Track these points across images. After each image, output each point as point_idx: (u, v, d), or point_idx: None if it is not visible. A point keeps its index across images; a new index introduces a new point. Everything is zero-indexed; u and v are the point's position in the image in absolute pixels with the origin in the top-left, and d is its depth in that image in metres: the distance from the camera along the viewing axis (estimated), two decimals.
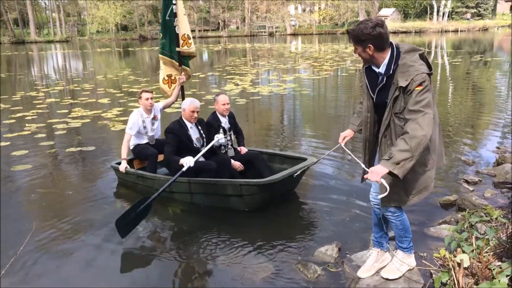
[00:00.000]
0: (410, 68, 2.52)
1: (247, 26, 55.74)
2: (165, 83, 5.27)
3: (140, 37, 54.97)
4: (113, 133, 8.02)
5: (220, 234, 3.96)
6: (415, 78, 2.46)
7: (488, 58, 20.01)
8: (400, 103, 2.56)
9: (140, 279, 3.31)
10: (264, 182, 4.16)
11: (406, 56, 2.59)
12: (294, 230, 4.01)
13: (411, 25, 47.34)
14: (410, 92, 2.48)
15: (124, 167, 5.01)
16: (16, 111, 10.28)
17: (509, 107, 9.20)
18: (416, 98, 2.46)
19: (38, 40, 54.81)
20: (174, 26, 4.97)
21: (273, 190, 4.36)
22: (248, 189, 4.25)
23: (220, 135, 4.63)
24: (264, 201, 4.40)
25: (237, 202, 4.39)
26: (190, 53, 5.26)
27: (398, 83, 2.53)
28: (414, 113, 2.46)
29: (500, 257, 2.87)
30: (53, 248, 3.77)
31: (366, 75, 2.82)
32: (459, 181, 5.02)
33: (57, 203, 4.79)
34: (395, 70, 2.58)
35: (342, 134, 3.10)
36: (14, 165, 6.17)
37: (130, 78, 16.66)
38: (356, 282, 3.08)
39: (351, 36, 2.61)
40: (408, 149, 2.40)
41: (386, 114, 2.65)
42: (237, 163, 4.89)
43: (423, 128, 2.42)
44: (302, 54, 26.30)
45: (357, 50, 2.66)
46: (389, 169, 2.41)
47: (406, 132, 2.45)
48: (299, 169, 4.19)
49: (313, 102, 11.28)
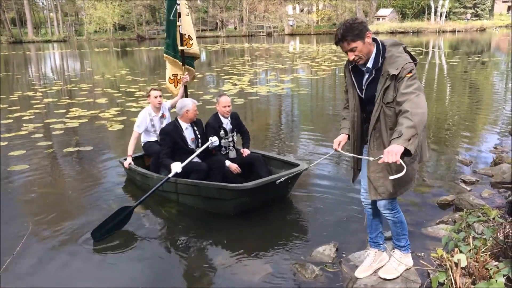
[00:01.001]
0: (398, 58, 2.62)
1: (245, 26, 55.76)
2: (171, 82, 5.27)
3: (138, 37, 54.92)
4: (110, 133, 8.01)
5: (218, 234, 3.96)
6: (405, 66, 2.57)
7: (485, 58, 20.07)
8: (391, 92, 2.63)
9: (138, 280, 3.30)
10: (239, 188, 4.06)
11: (392, 49, 2.68)
12: (291, 230, 4.01)
13: (409, 25, 47.46)
14: (401, 79, 2.57)
15: (128, 163, 5.08)
16: (13, 111, 10.25)
17: (506, 107, 9.23)
18: (408, 83, 2.56)
19: (36, 40, 54.72)
20: (178, 26, 4.95)
21: (256, 196, 4.23)
22: (226, 193, 4.17)
23: (214, 137, 4.61)
24: (246, 206, 4.27)
25: (218, 205, 4.35)
26: (193, 54, 5.25)
27: (389, 73, 2.60)
28: (408, 94, 2.53)
29: (497, 257, 2.88)
30: (50, 248, 3.76)
31: (352, 74, 2.86)
32: (456, 181, 5.03)
33: (54, 203, 4.78)
34: (382, 63, 2.66)
35: (337, 140, 3.07)
36: (11, 165, 6.16)
37: (128, 78, 16.63)
38: (353, 282, 3.09)
39: (348, 35, 2.59)
40: (413, 125, 2.43)
41: (376, 106, 2.70)
42: (233, 165, 4.78)
43: (420, 106, 2.48)
44: (300, 54, 26.31)
45: (357, 48, 2.62)
46: (403, 146, 2.41)
47: (406, 111, 2.47)
48: (283, 177, 3.92)
49: (311, 102, 11.29)
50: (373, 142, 2.79)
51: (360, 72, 2.81)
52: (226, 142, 4.89)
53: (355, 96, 2.85)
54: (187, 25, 5.07)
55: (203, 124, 4.92)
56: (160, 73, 18.06)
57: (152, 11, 60.97)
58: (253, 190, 4.08)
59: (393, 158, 2.39)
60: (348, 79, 2.89)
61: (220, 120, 4.86)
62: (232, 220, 4.19)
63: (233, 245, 3.77)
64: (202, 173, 4.50)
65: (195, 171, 4.49)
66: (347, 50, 2.65)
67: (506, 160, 5.33)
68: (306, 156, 6.32)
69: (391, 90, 2.62)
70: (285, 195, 4.67)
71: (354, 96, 2.86)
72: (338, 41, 2.65)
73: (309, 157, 6.20)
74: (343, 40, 2.62)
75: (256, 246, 3.73)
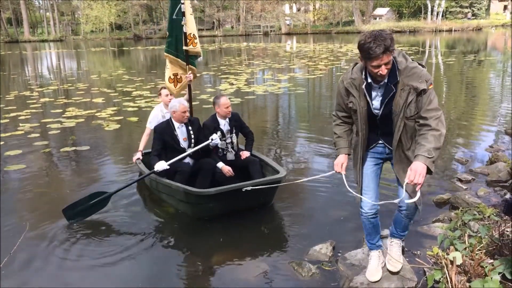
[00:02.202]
0: (415, 70, 2.53)
1: (242, 26, 55.67)
2: (171, 82, 5.22)
3: (134, 36, 54.75)
4: (107, 132, 7.99)
5: (213, 233, 3.96)
6: (426, 78, 2.50)
7: (482, 57, 20.13)
8: (413, 105, 2.55)
9: (135, 280, 3.30)
10: (201, 193, 3.98)
11: (402, 60, 2.57)
12: (288, 229, 4.02)
13: (406, 25, 47.46)
14: (425, 92, 2.51)
15: (136, 158, 5.14)
16: (9, 111, 10.22)
17: (502, 106, 9.27)
18: (431, 97, 2.52)
19: (32, 39, 54.47)
20: (182, 25, 4.93)
21: (224, 202, 4.09)
22: (190, 197, 4.11)
23: (215, 135, 4.53)
24: (214, 211, 4.17)
25: (186, 208, 4.32)
26: (196, 52, 5.24)
27: (412, 86, 2.50)
28: (434, 111, 2.51)
29: (492, 255, 2.90)
30: (46, 248, 3.75)
31: (366, 93, 2.67)
32: (452, 179, 5.05)
33: (51, 203, 4.77)
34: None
35: (338, 163, 2.93)
36: (8, 165, 6.14)
37: (125, 77, 16.60)
38: (350, 281, 3.10)
39: (391, 46, 2.40)
40: (440, 146, 2.48)
41: (399, 122, 2.61)
42: (226, 168, 4.60)
43: (444, 125, 2.52)
44: (297, 53, 26.32)
45: (387, 63, 2.45)
46: (428, 166, 2.45)
47: (437, 130, 2.48)
48: (252, 185, 3.88)
49: (308, 101, 11.30)
50: (398, 156, 2.75)
51: (370, 89, 2.66)
52: (223, 143, 4.76)
53: (365, 114, 2.71)
54: (192, 24, 5.05)
55: (200, 123, 4.89)
56: (157, 73, 18.03)
57: (149, 10, 60.80)
58: (217, 196, 3.96)
59: (420, 180, 2.43)
60: (356, 99, 2.69)
61: (217, 121, 4.74)
62: (228, 219, 4.19)
63: (230, 244, 3.78)
64: (184, 174, 4.41)
65: (178, 172, 4.44)
66: (383, 63, 2.44)
67: (502, 158, 5.35)
68: (301, 158, 6.34)
69: (413, 103, 2.54)
70: (266, 202, 4.43)
71: (363, 115, 2.71)
72: (382, 53, 2.38)
73: (305, 159, 6.21)
74: (388, 51, 2.40)
75: (253, 245, 3.74)
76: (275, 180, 4.15)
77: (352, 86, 2.70)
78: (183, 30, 4.94)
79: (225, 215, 4.22)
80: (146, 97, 11.63)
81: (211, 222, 4.16)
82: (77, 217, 4.21)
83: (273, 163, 4.66)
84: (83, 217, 4.23)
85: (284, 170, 4.33)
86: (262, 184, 4.00)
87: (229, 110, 4.73)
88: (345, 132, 2.96)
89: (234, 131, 4.87)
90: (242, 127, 5.00)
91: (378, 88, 2.62)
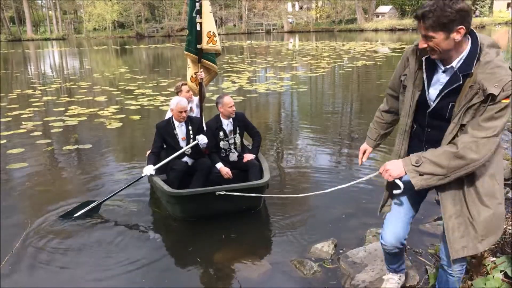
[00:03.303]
0: (499, 70, 1.85)
1: (244, 24, 55.69)
2: (193, 81, 5.17)
3: (137, 34, 54.84)
4: (109, 131, 8.00)
5: (216, 232, 3.96)
6: (506, 87, 1.82)
7: None
8: (471, 111, 1.91)
9: (136, 279, 3.30)
10: (172, 193, 3.93)
11: (490, 51, 1.91)
12: (290, 227, 4.02)
13: (409, 23, 47.26)
14: (493, 101, 1.84)
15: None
16: (12, 109, 10.25)
17: None
18: (496, 114, 1.86)
19: (35, 38, 54.66)
20: (197, 23, 4.92)
21: (200, 203, 4.00)
22: (167, 196, 4.08)
23: (201, 136, 4.51)
24: (194, 212, 4.13)
25: (167, 206, 4.33)
26: (215, 50, 5.22)
27: (483, 88, 1.84)
28: (483, 130, 1.87)
29: (494, 253, 2.89)
30: (48, 245, 3.76)
31: (424, 68, 2.06)
32: None
33: (53, 201, 4.78)
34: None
35: (362, 148, 2.57)
36: (11, 163, 6.16)
37: (127, 76, 16.62)
38: (352, 279, 3.10)
39: (430, 18, 1.84)
40: (446, 166, 1.92)
41: (452, 127, 1.97)
42: (225, 169, 4.46)
43: (479, 152, 1.88)
44: (299, 51, 26.30)
45: (434, 40, 1.89)
46: (407, 173, 2.00)
47: (456, 145, 1.91)
48: (226, 190, 3.80)
49: (310, 99, 11.29)
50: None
51: (434, 71, 2.05)
52: (225, 144, 4.66)
53: (414, 98, 2.11)
54: (211, 22, 5.04)
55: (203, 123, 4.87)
56: (160, 71, 18.07)
57: (151, 8, 60.84)
58: (191, 198, 3.92)
59: (386, 176, 2.07)
60: (411, 72, 2.12)
61: (220, 121, 4.64)
62: (229, 218, 4.18)
63: (231, 242, 3.78)
64: (178, 173, 4.39)
65: (172, 170, 4.43)
66: (422, 34, 1.93)
67: (504, 156, 5.34)
68: (304, 156, 6.33)
69: (473, 109, 1.90)
70: (251, 208, 4.27)
71: (413, 98, 2.12)
72: (417, 17, 1.91)
73: (307, 157, 6.21)
74: (422, 19, 1.87)
75: (255, 243, 3.74)
76: (250, 186, 3.96)
77: (414, 54, 2.11)
78: (197, 28, 4.94)
79: (223, 214, 4.19)
80: (149, 96, 11.64)
81: (210, 221, 4.15)
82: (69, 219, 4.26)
83: (265, 169, 4.35)
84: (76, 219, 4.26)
85: (266, 177, 4.08)
86: (236, 190, 3.82)
87: (233, 109, 4.61)
88: (381, 124, 2.51)
89: (238, 132, 4.74)
90: (248, 127, 4.84)
91: (443, 72, 2.01)
